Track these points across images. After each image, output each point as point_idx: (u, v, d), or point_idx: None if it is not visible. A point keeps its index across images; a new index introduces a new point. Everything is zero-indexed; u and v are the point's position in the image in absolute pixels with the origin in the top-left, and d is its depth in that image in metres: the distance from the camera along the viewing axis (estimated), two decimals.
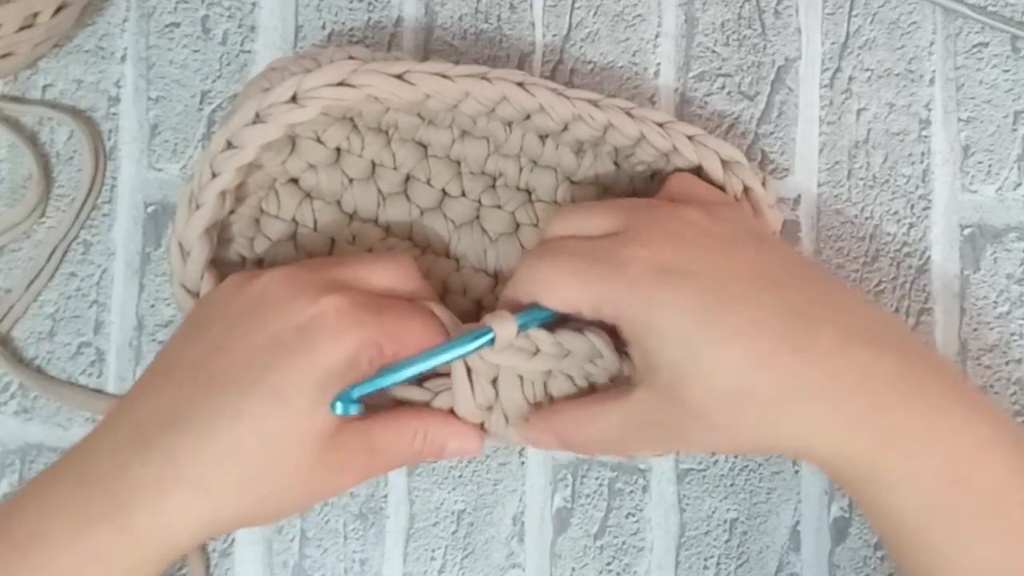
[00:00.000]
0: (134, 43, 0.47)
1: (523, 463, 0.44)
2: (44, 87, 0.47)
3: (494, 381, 0.38)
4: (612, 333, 0.38)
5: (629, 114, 0.41)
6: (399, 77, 0.39)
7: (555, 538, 0.44)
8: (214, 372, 0.35)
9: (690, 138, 0.41)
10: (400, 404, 0.39)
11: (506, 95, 0.40)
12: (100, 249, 0.46)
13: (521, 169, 0.44)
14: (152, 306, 0.45)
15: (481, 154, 0.43)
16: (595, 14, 0.46)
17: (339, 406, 0.36)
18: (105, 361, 0.45)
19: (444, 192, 0.44)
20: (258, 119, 0.39)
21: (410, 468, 0.44)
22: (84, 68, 0.47)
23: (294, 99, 0.39)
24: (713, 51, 0.46)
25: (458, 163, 0.44)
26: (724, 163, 0.41)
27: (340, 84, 0.39)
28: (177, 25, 0.47)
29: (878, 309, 0.37)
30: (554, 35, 0.46)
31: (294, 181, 0.43)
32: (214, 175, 0.39)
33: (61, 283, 0.46)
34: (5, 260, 0.46)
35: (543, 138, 0.43)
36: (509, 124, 0.43)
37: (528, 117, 0.41)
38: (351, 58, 0.41)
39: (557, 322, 0.38)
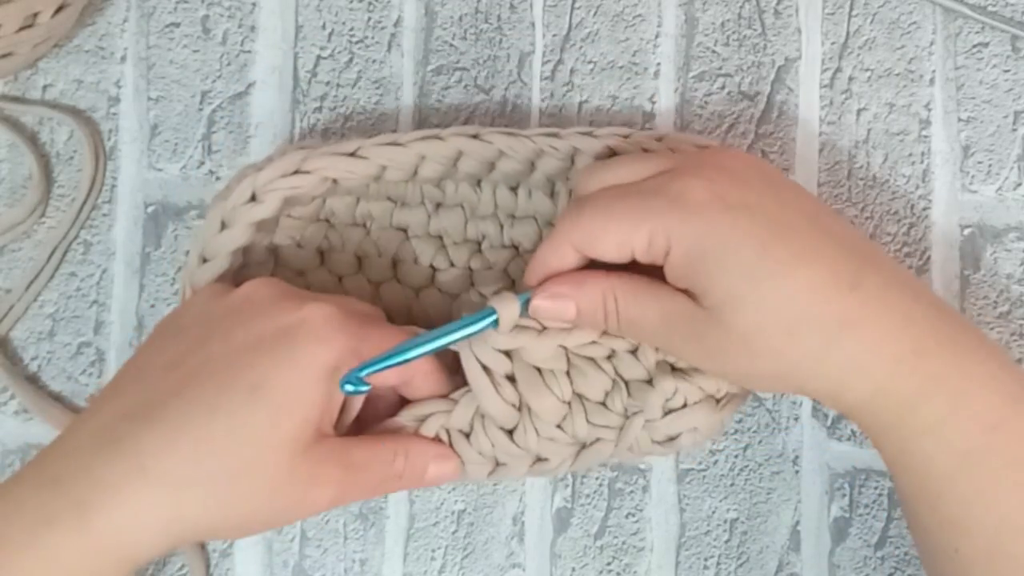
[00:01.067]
0: (134, 43, 0.47)
1: None
2: (44, 87, 0.47)
3: (512, 380, 0.38)
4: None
5: (591, 135, 0.41)
6: (351, 155, 0.39)
7: (555, 538, 0.44)
8: (189, 369, 0.35)
9: (659, 140, 0.41)
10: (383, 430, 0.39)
11: (462, 149, 0.40)
12: (100, 249, 0.46)
13: (502, 226, 0.43)
14: (152, 306, 0.46)
15: (459, 222, 0.43)
16: (595, 14, 0.46)
17: (349, 386, 0.35)
18: (105, 361, 0.45)
19: (433, 267, 0.44)
20: (224, 226, 0.39)
21: None
22: (84, 68, 0.47)
23: (253, 198, 0.39)
24: (713, 51, 0.46)
25: (440, 237, 0.44)
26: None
27: (295, 172, 0.39)
28: (177, 25, 0.47)
29: (899, 263, 0.38)
30: (554, 35, 0.46)
31: None
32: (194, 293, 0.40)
33: (61, 283, 0.46)
34: (5, 260, 0.46)
35: (514, 189, 0.43)
36: (478, 184, 0.43)
37: (493, 167, 0.41)
38: (303, 148, 0.41)
39: None
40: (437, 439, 0.39)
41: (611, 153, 0.41)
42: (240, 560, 0.44)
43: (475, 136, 0.40)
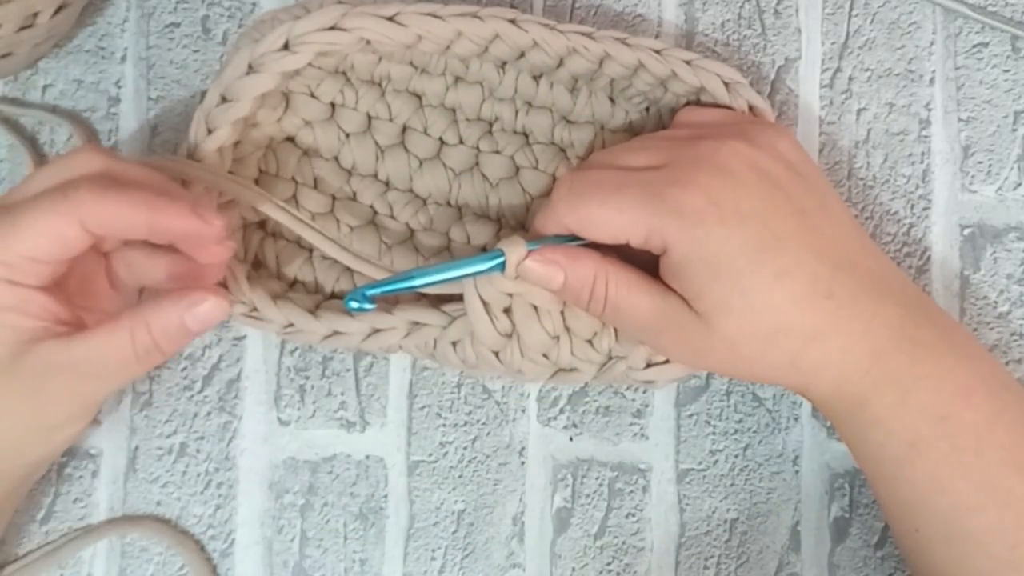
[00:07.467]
0: (134, 43, 0.47)
1: (523, 463, 0.44)
2: (44, 87, 0.47)
3: (508, 311, 0.39)
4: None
5: (625, 43, 0.40)
6: (391, 19, 0.39)
7: (555, 538, 0.44)
8: None
9: (688, 63, 0.41)
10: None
11: (499, 32, 0.40)
12: None
13: (517, 112, 0.44)
14: None
15: (476, 100, 0.44)
16: (595, 14, 0.46)
17: (354, 303, 0.36)
18: None
19: (442, 141, 0.44)
20: (251, 70, 0.39)
21: (410, 468, 0.44)
22: (84, 68, 0.47)
23: (286, 46, 0.38)
24: (713, 51, 0.46)
25: (453, 111, 0.44)
26: (726, 84, 0.41)
27: (332, 28, 0.39)
28: (177, 25, 0.47)
29: (883, 257, 0.39)
30: None
31: (291, 140, 0.43)
32: (210, 131, 0.39)
33: None
34: None
35: (537, 79, 0.43)
36: (502, 66, 0.43)
37: (522, 55, 0.41)
38: (341, 3, 0.40)
39: None
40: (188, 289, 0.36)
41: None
42: (240, 560, 0.44)
43: (512, 21, 0.40)
